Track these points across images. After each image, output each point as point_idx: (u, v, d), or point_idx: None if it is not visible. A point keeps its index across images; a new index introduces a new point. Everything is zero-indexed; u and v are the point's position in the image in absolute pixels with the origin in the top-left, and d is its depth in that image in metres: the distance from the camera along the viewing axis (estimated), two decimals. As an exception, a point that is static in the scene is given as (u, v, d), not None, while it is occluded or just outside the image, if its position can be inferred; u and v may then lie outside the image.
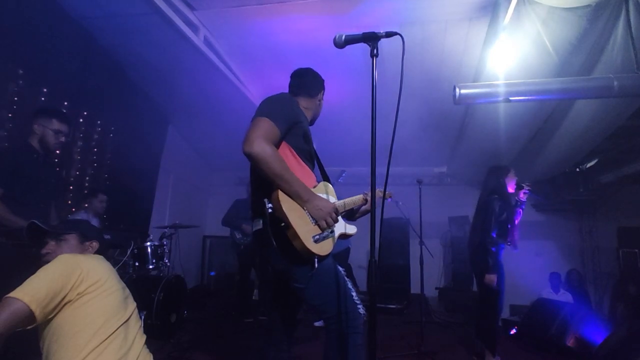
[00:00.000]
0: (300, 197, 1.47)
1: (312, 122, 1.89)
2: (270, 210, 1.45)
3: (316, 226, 1.51)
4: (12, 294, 1.23)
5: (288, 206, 1.45)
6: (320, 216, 1.49)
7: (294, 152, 1.63)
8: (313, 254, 1.44)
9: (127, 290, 1.61)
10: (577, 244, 6.14)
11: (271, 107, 1.55)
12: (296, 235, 1.41)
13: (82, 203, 3.68)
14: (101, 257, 1.62)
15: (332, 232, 1.57)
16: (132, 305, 1.59)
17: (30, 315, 1.23)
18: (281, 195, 1.45)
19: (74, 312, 1.35)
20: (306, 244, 1.43)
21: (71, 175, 3.70)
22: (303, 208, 1.50)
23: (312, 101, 1.83)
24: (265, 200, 1.47)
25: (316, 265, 1.46)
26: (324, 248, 1.50)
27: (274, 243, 1.45)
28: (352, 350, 1.49)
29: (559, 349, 3.44)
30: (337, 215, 1.58)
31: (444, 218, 6.05)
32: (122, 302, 1.50)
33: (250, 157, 1.42)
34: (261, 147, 1.41)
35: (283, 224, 1.43)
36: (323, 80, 1.89)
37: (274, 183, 1.45)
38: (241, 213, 4.48)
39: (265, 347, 1.77)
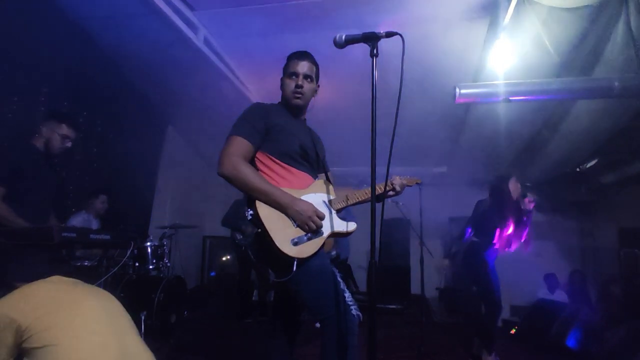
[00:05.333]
0: (280, 205, 1.51)
1: (292, 108, 1.73)
2: (250, 217, 1.52)
3: (299, 228, 1.52)
4: None
5: (266, 213, 1.50)
6: (302, 220, 1.51)
7: (275, 158, 1.62)
8: (290, 258, 1.46)
9: (113, 303, 1.42)
10: (577, 245, 6.13)
11: (238, 122, 1.60)
12: (272, 241, 1.45)
13: (82, 203, 3.68)
14: (55, 279, 1.38)
15: (319, 232, 1.56)
16: (122, 318, 1.41)
17: None
18: (260, 203, 1.51)
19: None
20: (282, 248, 1.45)
21: (71, 175, 3.70)
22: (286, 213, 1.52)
23: (281, 86, 1.77)
24: (247, 207, 1.55)
25: (294, 268, 1.46)
26: (305, 250, 1.50)
27: (250, 250, 1.56)
28: (349, 350, 1.49)
29: (559, 349, 3.44)
30: (322, 220, 1.56)
31: (444, 218, 6.04)
32: (102, 320, 1.30)
33: (223, 177, 1.52)
34: (231, 166, 1.49)
35: (260, 230, 1.49)
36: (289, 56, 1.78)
37: (252, 196, 1.52)
38: (240, 213, 4.46)
39: (267, 349, 1.77)
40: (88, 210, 3.63)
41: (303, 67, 1.72)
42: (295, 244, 1.48)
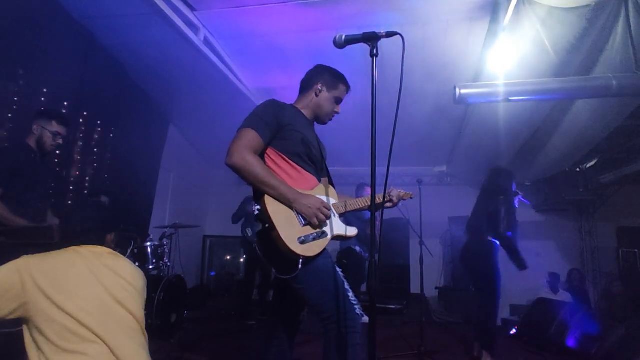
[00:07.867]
0: (287, 199, 1.51)
1: (318, 120, 1.82)
2: (257, 212, 1.51)
3: (305, 227, 1.53)
4: None
5: (274, 208, 1.50)
6: (310, 214, 1.52)
7: (285, 157, 1.63)
8: (297, 255, 1.46)
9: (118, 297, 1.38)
10: (577, 244, 6.14)
11: (251, 116, 1.61)
12: (279, 237, 1.45)
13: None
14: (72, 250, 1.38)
15: (324, 233, 1.57)
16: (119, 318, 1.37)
17: None
18: (268, 198, 1.50)
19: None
20: (289, 245, 1.45)
21: (71, 175, 3.69)
22: (292, 209, 1.52)
23: (306, 97, 1.78)
24: (254, 202, 1.54)
25: (299, 266, 1.46)
26: (311, 249, 1.51)
27: (258, 245, 1.55)
28: (350, 349, 1.49)
29: (559, 348, 3.44)
30: (329, 211, 1.57)
31: (444, 218, 6.04)
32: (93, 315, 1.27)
33: (231, 168, 1.51)
34: (241, 157, 1.49)
35: (267, 225, 1.49)
36: (324, 72, 1.77)
37: (260, 189, 1.51)
38: (249, 210, 4.46)
39: (267, 347, 1.77)
40: (88, 210, 3.62)
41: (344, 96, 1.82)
42: (302, 242, 1.49)
